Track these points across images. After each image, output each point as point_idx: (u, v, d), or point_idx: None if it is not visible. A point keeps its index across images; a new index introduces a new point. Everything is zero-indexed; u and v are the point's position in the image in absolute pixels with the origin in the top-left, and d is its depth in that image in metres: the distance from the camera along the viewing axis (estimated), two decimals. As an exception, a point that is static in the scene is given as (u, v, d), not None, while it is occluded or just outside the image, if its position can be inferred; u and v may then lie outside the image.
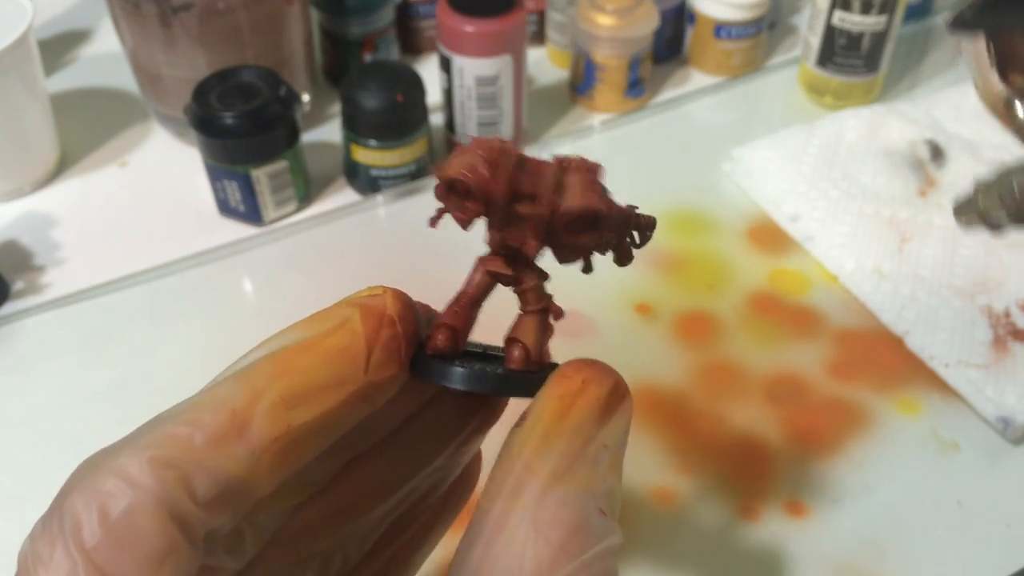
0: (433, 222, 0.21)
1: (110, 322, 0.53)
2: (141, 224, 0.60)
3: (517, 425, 0.20)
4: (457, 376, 0.21)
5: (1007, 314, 0.50)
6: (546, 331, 0.22)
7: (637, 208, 0.23)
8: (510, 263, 0.22)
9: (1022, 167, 0.31)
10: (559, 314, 0.22)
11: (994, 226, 0.33)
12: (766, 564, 0.42)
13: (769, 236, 0.57)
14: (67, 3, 0.79)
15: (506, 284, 0.22)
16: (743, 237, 0.57)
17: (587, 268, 0.23)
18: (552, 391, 0.20)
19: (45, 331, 0.52)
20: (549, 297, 0.22)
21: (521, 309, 0.22)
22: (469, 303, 0.22)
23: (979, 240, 0.54)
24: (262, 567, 0.23)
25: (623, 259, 0.23)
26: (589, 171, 0.21)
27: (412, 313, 0.21)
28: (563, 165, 0.21)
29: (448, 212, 0.21)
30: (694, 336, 0.51)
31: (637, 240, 0.23)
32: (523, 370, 0.22)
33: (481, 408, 0.25)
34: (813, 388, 0.48)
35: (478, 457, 0.27)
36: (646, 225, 0.23)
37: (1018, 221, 0.32)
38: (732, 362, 0.49)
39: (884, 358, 0.50)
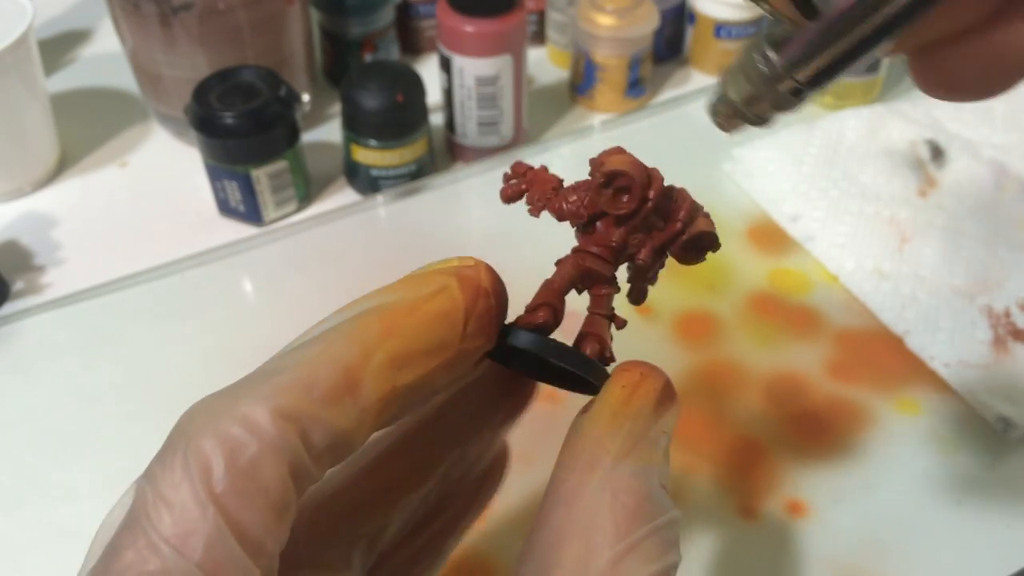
0: (510, 199, 0.24)
1: (110, 322, 0.53)
2: (141, 224, 0.60)
3: (583, 411, 0.22)
4: (547, 346, 0.22)
5: (1007, 314, 0.50)
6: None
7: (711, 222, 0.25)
8: (611, 267, 0.24)
9: (759, 38, 0.26)
10: (622, 324, 0.24)
11: (755, 118, 0.27)
12: (766, 564, 0.42)
13: (769, 236, 0.57)
14: (67, 3, 0.79)
15: (590, 284, 0.24)
16: (743, 237, 0.57)
17: (640, 297, 0.26)
18: (617, 380, 0.22)
19: (45, 331, 0.52)
20: (613, 308, 0.24)
21: (591, 311, 0.24)
22: (559, 291, 0.23)
23: (979, 240, 0.54)
24: (309, 543, 0.23)
25: (638, 299, 0.26)
26: (709, 217, 0.24)
27: (502, 288, 0.22)
28: (698, 205, 0.24)
29: (522, 192, 0.24)
30: (694, 336, 0.51)
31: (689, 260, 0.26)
32: (596, 360, 0.23)
33: (514, 395, 0.26)
34: (813, 388, 0.48)
35: (506, 451, 0.28)
36: (710, 242, 0.26)
37: (777, 105, 0.26)
38: (732, 362, 0.49)
39: (884, 358, 0.50)
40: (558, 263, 0.24)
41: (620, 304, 0.25)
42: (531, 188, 0.24)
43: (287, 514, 0.18)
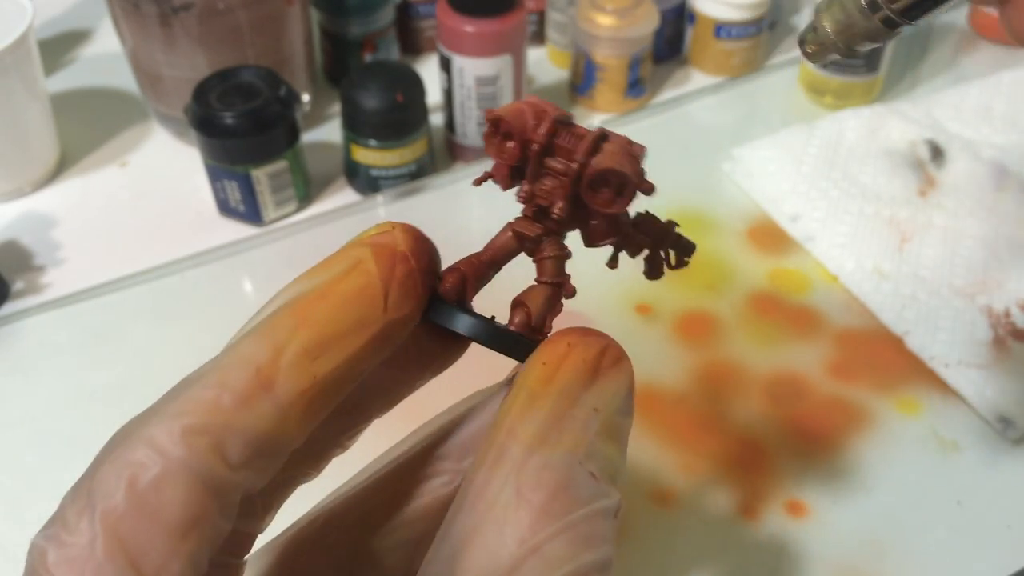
0: (478, 182, 0.22)
1: (110, 322, 0.53)
2: (141, 224, 0.60)
3: (505, 394, 0.20)
4: (461, 321, 0.21)
5: (1007, 314, 0.50)
6: (555, 306, 0.22)
7: (678, 227, 0.23)
8: (536, 227, 0.22)
9: None
10: (571, 292, 0.22)
11: (847, 49, 0.29)
12: (766, 564, 0.42)
13: (769, 236, 0.57)
14: (67, 3, 0.79)
15: (528, 250, 0.22)
16: (743, 237, 0.57)
17: (612, 262, 0.23)
18: (537, 357, 0.20)
19: (45, 331, 0.52)
20: (566, 276, 0.22)
21: (536, 280, 0.22)
22: (488, 260, 0.22)
23: (979, 240, 0.54)
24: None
25: (653, 272, 0.23)
26: (628, 142, 0.21)
27: (426, 245, 0.21)
28: (604, 134, 0.21)
29: (491, 176, 0.22)
30: (694, 336, 0.51)
31: (672, 260, 0.23)
32: (521, 334, 0.22)
33: (438, 357, 0.24)
34: (813, 388, 0.48)
35: None
36: (684, 247, 0.23)
37: (869, 36, 0.28)
38: (732, 362, 0.49)
39: (884, 358, 0.50)
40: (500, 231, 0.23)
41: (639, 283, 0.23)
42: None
43: (199, 531, 0.17)
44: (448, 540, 0.18)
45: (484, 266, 0.22)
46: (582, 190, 0.21)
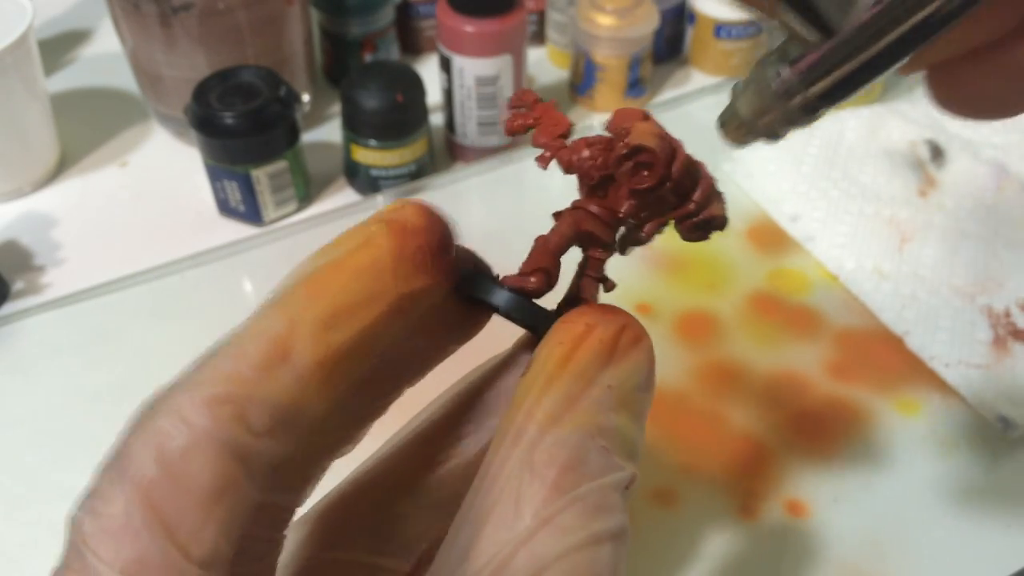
0: (513, 132, 0.23)
1: (110, 322, 0.53)
2: (141, 224, 0.60)
3: (523, 375, 0.20)
4: (525, 311, 0.21)
5: (1007, 314, 0.50)
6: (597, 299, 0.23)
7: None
8: (610, 233, 0.22)
9: (774, 54, 0.26)
10: (612, 287, 0.23)
11: (767, 133, 0.27)
12: (766, 564, 0.42)
13: (769, 236, 0.57)
14: (67, 3, 0.79)
15: (586, 245, 0.22)
16: (743, 237, 0.57)
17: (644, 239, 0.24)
18: (555, 336, 0.20)
19: (45, 331, 0.52)
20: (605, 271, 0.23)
21: (584, 273, 0.23)
22: (556, 251, 0.22)
23: (979, 240, 0.54)
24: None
25: (690, 231, 0.23)
26: (723, 198, 0.23)
27: (437, 221, 0.21)
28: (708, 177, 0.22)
29: (580, 165, 0.22)
30: (694, 336, 0.51)
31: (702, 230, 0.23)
32: (546, 309, 0.22)
33: (463, 326, 0.24)
34: (813, 388, 0.48)
35: None
36: (718, 222, 0.23)
37: (789, 120, 0.26)
38: (732, 362, 0.49)
39: (884, 358, 0.50)
40: (556, 217, 0.22)
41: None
42: (539, 125, 0.23)
43: (228, 497, 0.18)
44: (469, 516, 0.19)
45: (556, 257, 0.22)
46: (682, 226, 0.22)
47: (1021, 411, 0.46)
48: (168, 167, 0.64)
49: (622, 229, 0.23)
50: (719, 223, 0.23)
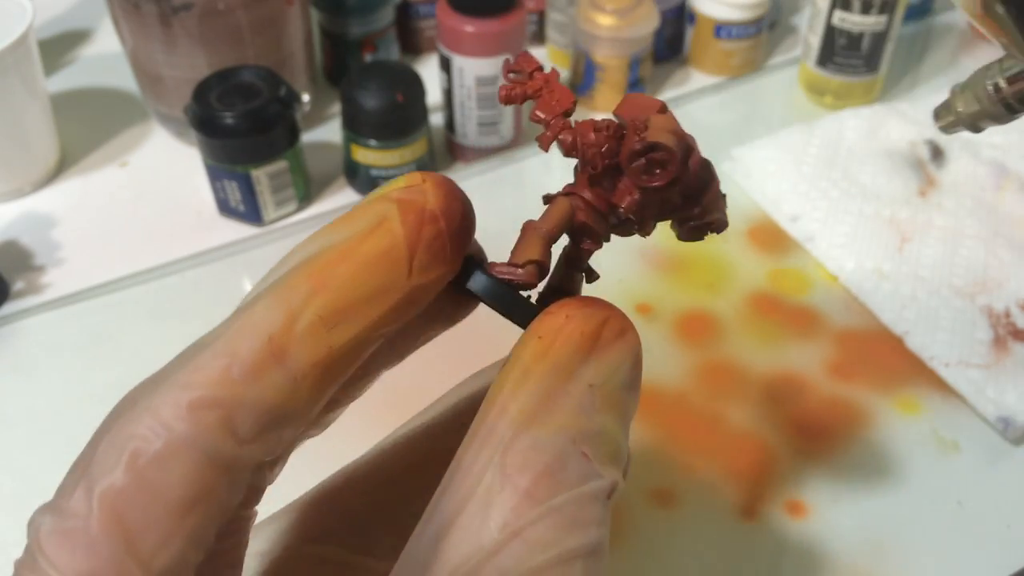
0: (508, 101, 0.21)
1: (110, 322, 0.53)
2: (141, 224, 0.60)
3: (500, 370, 0.19)
4: (505, 300, 0.20)
5: (1007, 314, 0.50)
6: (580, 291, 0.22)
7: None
8: (604, 225, 0.21)
9: (994, 66, 0.34)
10: (595, 278, 0.22)
11: (974, 127, 0.36)
12: (766, 564, 0.42)
13: (769, 236, 0.57)
14: (67, 3, 0.79)
15: (577, 237, 0.21)
16: (743, 237, 0.57)
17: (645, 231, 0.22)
18: (533, 329, 0.19)
19: (45, 331, 0.52)
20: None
21: (569, 265, 0.21)
22: (548, 240, 0.20)
23: (979, 240, 0.54)
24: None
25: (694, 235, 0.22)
26: (725, 202, 0.22)
27: (458, 204, 0.19)
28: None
29: (587, 151, 0.20)
30: (694, 336, 0.51)
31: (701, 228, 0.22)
32: (531, 302, 0.21)
33: (448, 312, 0.23)
34: (813, 388, 0.48)
35: None
36: (717, 225, 0.22)
37: (994, 118, 0.35)
38: (732, 362, 0.49)
39: (884, 358, 0.50)
40: (548, 201, 0.21)
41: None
42: (539, 98, 0.20)
43: (202, 508, 0.16)
44: (433, 519, 0.17)
45: (548, 251, 0.20)
46: (682, 228, 0.21)
47: (1021, 411, 0.46)
48: (168, 167, 0.64)
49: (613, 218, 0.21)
50: (719, 226, 0.22)
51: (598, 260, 0.23)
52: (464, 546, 0.16)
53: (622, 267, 0.54)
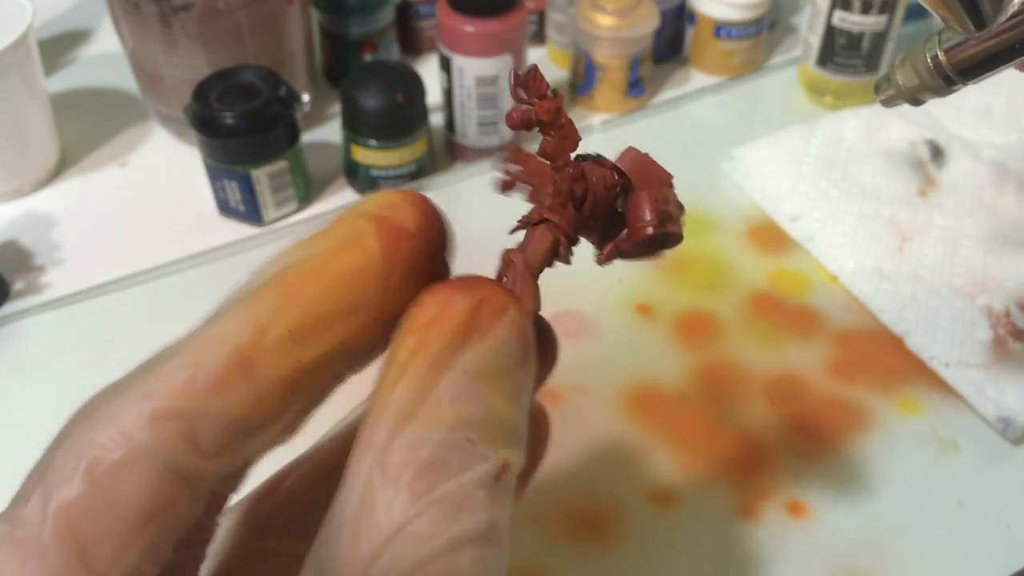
0: (505, 188, 0.21)
1: (110, 322, 0.53)
2: (141, 224, 0.60)
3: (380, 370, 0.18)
4: None
5: (1007, 314, 0.50)
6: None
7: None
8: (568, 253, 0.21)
9: (933, 39, 0.34)
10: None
11: (914, 100, 0.36)
12: (766, 564, 0.42)
13: (769, 236, 0.57)
14: (67, 3, 0.79)
15: (552, 261, 0.21)
16: (743, 237, 0.57)
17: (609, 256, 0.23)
18: (406, 323, 0.18)
19: (45, 331, 0.52)
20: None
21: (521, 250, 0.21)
22: (536, 276, 0.20)
23: (979, 240, 0.54)
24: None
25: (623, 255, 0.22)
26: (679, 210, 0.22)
27: (436, 222, 0.19)
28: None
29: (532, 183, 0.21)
30: (694, 336, 0.51)
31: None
32: None
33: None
34: (813, 388, 0.48)
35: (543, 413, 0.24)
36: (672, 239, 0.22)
37: (933, 91, 0.35)
38: (732, 362, 0.49)
39: (884, 358, 0.50)
40: (525, 226, 0.21)
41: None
42: (545, 132, 0.21)
43: (160, 520, 0.16)
44: (332, 522, 0.17)
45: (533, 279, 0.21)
46: (626, 246, 0.22)
47: (1021, 411, 0.46)
48: (168, 167, 0.64)
49: None
50: (673, 241, 0.22)
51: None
52: (354, 549, 0.16)
53: (622, 267, 0.54)
